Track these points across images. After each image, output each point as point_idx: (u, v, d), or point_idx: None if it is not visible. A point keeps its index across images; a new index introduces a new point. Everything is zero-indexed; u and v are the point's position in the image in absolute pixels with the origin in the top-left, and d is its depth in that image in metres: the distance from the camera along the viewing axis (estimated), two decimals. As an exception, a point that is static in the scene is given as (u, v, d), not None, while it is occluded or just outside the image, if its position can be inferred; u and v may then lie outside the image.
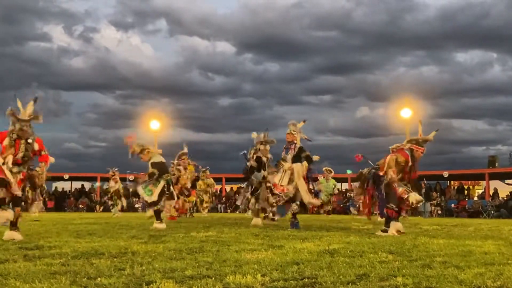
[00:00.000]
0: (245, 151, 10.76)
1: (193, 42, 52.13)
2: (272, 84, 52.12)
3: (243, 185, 10.89)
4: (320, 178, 17.56)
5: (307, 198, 9.05)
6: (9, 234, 6.51)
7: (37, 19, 54.22)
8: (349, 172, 27.72)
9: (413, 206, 7.82)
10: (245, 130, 50.06)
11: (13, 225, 6.63)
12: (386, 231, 7.77)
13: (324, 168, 18.56)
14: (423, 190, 18.49)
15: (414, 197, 7.54)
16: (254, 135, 10.65)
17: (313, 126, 53.38)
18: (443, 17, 45.23)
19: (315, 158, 9.47)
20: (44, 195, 8.94)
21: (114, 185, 18.18)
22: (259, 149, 10.33)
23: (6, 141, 6.60)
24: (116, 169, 18.01)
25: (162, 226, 9.08)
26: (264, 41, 49.09)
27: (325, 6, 47.25)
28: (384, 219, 8.22)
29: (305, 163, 8.99)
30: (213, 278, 3.57)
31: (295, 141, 9.12)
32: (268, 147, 10.46)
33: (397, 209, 7.76)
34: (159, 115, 31.44)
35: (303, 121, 9.63)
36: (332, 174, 18.76)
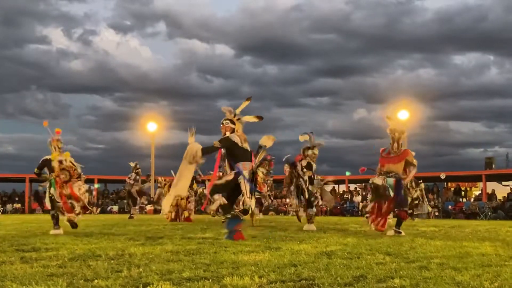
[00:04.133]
0: (289, 155, 10.27)
1: (192, 44, 52.11)
2: (271, 86, 52.11)
3: (291, 189, 10.20)
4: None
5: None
6: None
7: (36, 22, 54.24)
8: (348, 173, 27.58)
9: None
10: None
11: None
12: (399, 232, 7.97)
13: None
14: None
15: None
16: (302, 137, 10.16)
17: (311, 128, 53.53)
18: (441, 20, 45.36)
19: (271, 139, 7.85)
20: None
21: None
22: (307, 155, 9.94)
23: None
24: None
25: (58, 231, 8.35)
26: (263, 43, 49.14)
27: (323, 9, 47.29)
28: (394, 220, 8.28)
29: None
30: (210, 280, 3.57)
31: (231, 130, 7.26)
32: (316, 151, 10.00)
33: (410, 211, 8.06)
34: (157, 117, 31.58)
35: (247, 100, 7.59)
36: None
